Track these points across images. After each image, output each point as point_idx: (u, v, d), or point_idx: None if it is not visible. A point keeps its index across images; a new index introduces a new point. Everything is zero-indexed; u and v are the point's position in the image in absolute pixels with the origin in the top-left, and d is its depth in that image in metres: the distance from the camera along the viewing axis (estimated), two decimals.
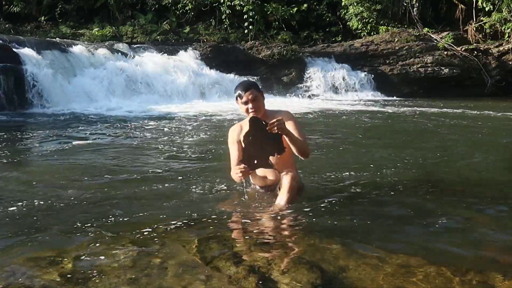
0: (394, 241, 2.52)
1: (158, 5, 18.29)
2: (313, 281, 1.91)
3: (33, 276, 2.02)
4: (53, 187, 3.68)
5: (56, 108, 10.61)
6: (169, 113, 10.07)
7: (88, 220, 2.84)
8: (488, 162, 4.87)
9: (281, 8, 18.07)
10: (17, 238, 2.56)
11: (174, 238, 2.44)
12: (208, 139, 6.52)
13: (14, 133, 7.04)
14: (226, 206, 3.13)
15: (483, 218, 2.95)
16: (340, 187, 3.63)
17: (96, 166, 4.58)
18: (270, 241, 2.46)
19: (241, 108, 3.16)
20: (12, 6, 17.19)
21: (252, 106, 3.08)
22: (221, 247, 2.30)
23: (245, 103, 3.09)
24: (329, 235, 2.51)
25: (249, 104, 3.09)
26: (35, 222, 2.83)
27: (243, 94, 3.09)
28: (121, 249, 2.29)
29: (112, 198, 3.36)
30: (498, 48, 17.17)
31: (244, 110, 3.13)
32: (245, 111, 3.13)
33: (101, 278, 1.98)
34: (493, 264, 2.20)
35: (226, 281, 1.93)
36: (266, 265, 2.08)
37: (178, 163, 4.75)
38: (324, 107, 11.97)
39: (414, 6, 18.52)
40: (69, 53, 12.75)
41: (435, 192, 3.57)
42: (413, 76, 16.65)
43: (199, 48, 15.41)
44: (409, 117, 9.95)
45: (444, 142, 6.36)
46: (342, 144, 6.14)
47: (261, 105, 3.14)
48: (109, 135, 6.91)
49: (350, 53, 16.81)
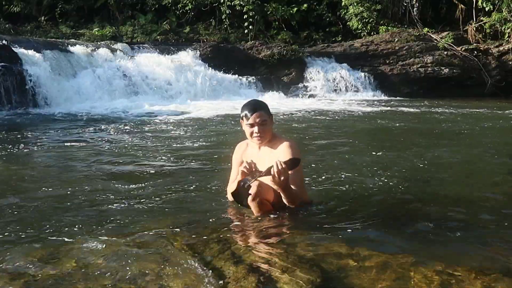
0: (393, 241, 2.51)
1: (158, 5, 18.29)
2: (313, 280, 1.91)
3: (31, 274, 2.02)
4: (52, 187, 3.68)
5: (56, 108, 10.61)
6: (169, 113, 10.07)
7: (87, 220, 2.84)
8: (489, 162, 4.87)
9: (281, 8, 18.07)
10: (15, 237, 2.56)
11: (174, 238, 2.44)
12: (208, 140, 6.52)
13: (14, 133, 7.04)
14: (226, 205, 3.13)
15: (483, 219, 2.95)
16: (339, 187, 3.62)
17: (95, 166, 4.58)
18: (270, 241, 2.46)
19: (245, 130, 2.83)
20: (12, 6, 17.20)
21: (257, 131, 2.74)
22: (221, 247, 2.30)
23: (251, 126, 2.75)
24: (329, 235, 2.51)
25: (255, 127, 2.75)
26: (34, 221, 2.83)
27: (250, 116, 2.74)
28: (121, 249, 2.29)
29: (111, 198, 3.36)
30: (498, 48, 17.18)
31: (249, 133, 2.79)
32: (249, 135, 2.80)
33: (100, 278, 1.98)
34: (493, 264, 2.20)
35: (226, 280, 1.93)
36: (266, 265, 2.08)
37: (178, 163, 4.74)
38: (324, 107, 11.96)
39: (414, 6, 18.53)
40: (69, 53, 12.74)
41: (435, 193, 3.57)
42: (413, 76, 16.65)
43: (199, 48, 15.41)
44: (409, 117, 9.95)
45: (445, 142, 6.35)
46: (341, 145, 6.14)
47: (268, 130, 2.78)
48: (109, 135, 6.91)
49: (350, 53, 16.81)
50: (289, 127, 7.88)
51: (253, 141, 2.82)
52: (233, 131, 7.34)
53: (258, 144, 2.84)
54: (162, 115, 9.81)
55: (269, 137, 2.81)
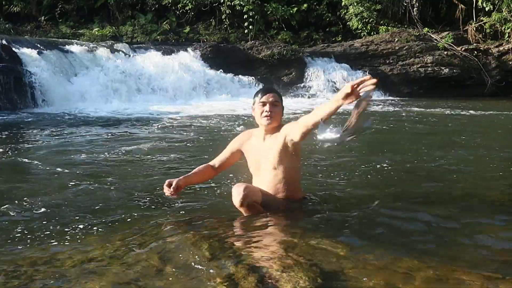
0: (393, 241, 2.51)
1: (158, 5, 18.29)
2: (312, 280, 1.91)
3: (31, 275, 2.02)
4: (51, 187, 3.68)
5: (56, 108, 10.61)
6: (169, 113, 10.07)
7: (87, 220, 2.84)
8: (489, 162, 4.86)
9: (281, 8, 18.07)
10: (15, 238, 2.56)
11: (174, 238, 2.44)
12: (208, 139, 6.52)
13: (14, 133, 7.04)
14: (226, 205, 3.13)
15: (484, 219, 2.95)
16: (339, 188, 3.62)
17: (95, 165, 4.58)
18: (270, 241, 2.46)
19: (256, 113, 2.80)
20: (12, 6, 17.20)
21: (268, 109, 2.73)
22: (221, 247, 2.30)
23: (263, 104, 2.75)
24: (329, 236, 2.51)
25: (266, 106, 2.74)
26: (33, 221, 2.83)
27: (263, 95, 2.77)
28: (121, 249, 2.29)
29: (111, 197, 3.36)
30: (498, 48, 17.18)
31: (259, 113, 2.76)
32: (259, 114, 2.76)
33: (100, 277, 1.98)
34: (493, 264, 2.20)
35: (226, 280, 1.93)
36: (266, 265, 2.08)
37: (179, 162, 4.75)
38: None
39: (414, 6, 18.52)
40: (69, 53, 12.75)
41: (435, 193, 3.57)
42: (413, 76, 16.66)
43: (199, 48, 15.41)
44: (409, 117, 9.95)
45: (445, 142, 6.35)
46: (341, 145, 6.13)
47: (278, 113, 2.77)
48: (109, 135, 6.91)
49: (350, 53, 16.82)
50: None
51: (262, 121, 2.77)
52: (233, 130, 7.34)
53: (267, 125, 2.77)
54: (161, 115, 9.82)
55: (277, 123, 2.77)
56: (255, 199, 2.65)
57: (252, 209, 2.68)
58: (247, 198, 2.59)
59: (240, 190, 2.58)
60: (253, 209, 2.68)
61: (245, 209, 2.67)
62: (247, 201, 2.60)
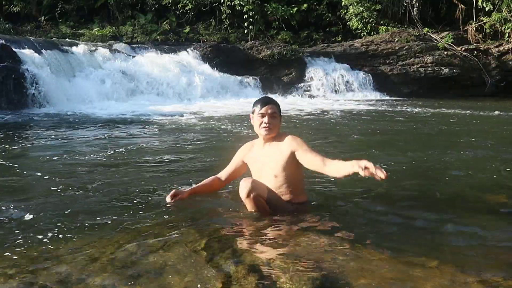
0: (394, 241, 2.51)
1: (158, 5, 18.31)
2: (313, 280, 1.91)
3: (31, 274, 2.02)
4: (52, 186, 3.67)
5: (56, 108, 10.60)
6: (169, 113, 10.07)
7: (87, 220, 2.83)
8: (489, 162, 4.86)
9: (281, 8, 18.08)
10: (15, 236, 2.55)
11: (174, 238, 2.43)
12: (208, 139, 6.52)
13: (14, 133, 7.04)
14: (226, 205, 3.13)
15: (484, 219, 2.95)
16: (339, 188, 3.62)
17: (94, 165, 4.57)
18: (270, 241, 2.46)
19: (255, 123, 2.93)
20: (12, 6, 17.22)
21: (267, 121, 2.85)
22: (221, 247, 2.30)
23: (262, 116, 2.87)
24: (329, 235, 2.51)
25: (265, 117, 2.86)
26: (33, 221, 2.82)
27: (262, 107, 2.88)
28: (121, 248, 2.29)
29: (112, 197, 3.35)
30: (498, 48, 17.19)
31: (258, 124, 2.89)
32: (258, 126, 2.90)
33: (101, 277, 1.97)
34: (493, 264, 2.19)
35: (226, 280, 1.92)
36: (266, 264, 2.07)
37: (179, 162, 4.74)
38: (324, 107, 11.96)
39: (414, 6, 18.54)
40: (69, 53, 12.75)
41: (435, 193, 3.57)
42: (413, 76, 16.67)
43: (199, 48, 15.42)
44: (409, 117, 9.95)
45: (445, 142, 6.35)
46: (341, 144, 6.13)
47: (276, 124, 2.90)
48: (109, 135, 6.91)
49: (350, 53, 16.83)
50: (289, 127, 7.88)
51: (261, 132, 2.92)
52: (232, 130, 7.34)
53: (265, 136, 2.92)
54: (161, 115, 9.81)
55: (275, 132, 2.92)
56: (260, 193, 2.75)
57: (257, 203, 2.76)
58: (253, 191, 2.71)
59: (248, 183, 2.72)
60: (258, 204, 2.77)
61: (250, 201, 2.76)
62: (253, 194, 2.71)
